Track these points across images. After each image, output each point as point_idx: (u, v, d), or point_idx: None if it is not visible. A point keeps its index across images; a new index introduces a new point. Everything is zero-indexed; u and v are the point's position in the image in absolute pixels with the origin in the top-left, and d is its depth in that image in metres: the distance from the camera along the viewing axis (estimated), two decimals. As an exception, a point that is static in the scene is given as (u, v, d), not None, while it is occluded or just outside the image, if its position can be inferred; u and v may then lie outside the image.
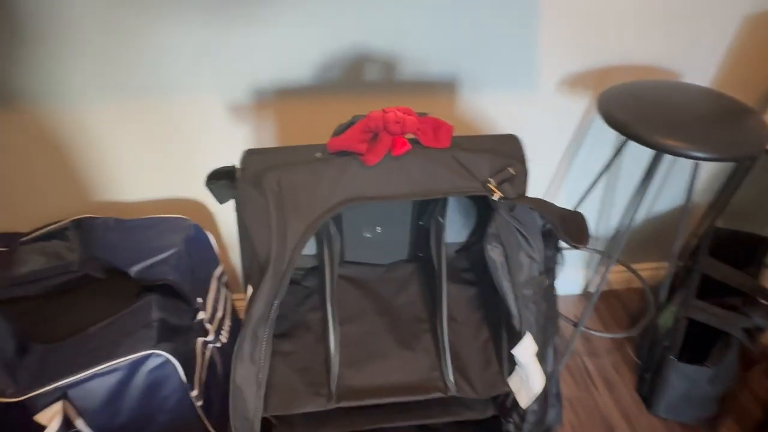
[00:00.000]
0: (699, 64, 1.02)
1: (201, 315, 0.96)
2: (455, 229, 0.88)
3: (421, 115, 0.62)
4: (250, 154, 0.64)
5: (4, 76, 0.88)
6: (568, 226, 0.72)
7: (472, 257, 0.91)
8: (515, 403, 0.78)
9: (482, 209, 0.84)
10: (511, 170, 0.63)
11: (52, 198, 1.06)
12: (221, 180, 0.65)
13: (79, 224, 1.01)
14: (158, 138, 1.00)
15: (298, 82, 0.94)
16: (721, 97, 0.88)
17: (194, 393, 0.86)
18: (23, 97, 0.91)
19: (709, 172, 1.23)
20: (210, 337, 0.98)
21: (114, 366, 0.75)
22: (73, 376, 0.73)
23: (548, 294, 0.70)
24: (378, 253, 0.91)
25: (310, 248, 0.87)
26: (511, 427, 0.79)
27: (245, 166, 0.62)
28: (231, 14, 0.86)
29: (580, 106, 1.06)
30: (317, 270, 0.90)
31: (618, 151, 1.04)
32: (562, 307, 1.40)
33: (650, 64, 1.01)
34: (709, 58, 1.02)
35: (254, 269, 0.63)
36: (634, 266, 1.42)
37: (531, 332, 0.67)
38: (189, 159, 1.04)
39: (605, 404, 1.19)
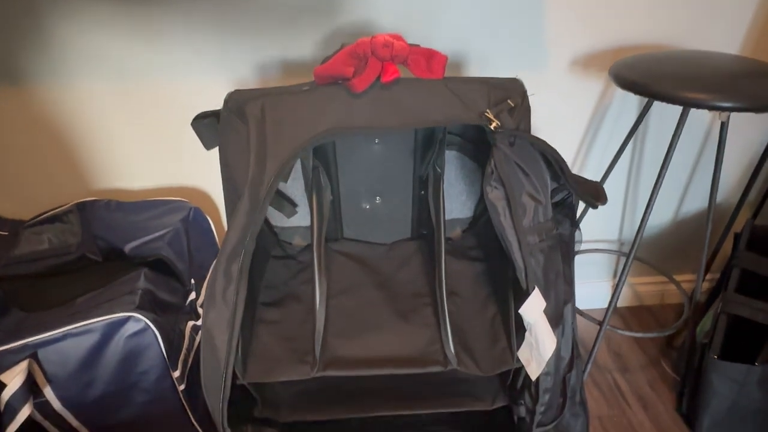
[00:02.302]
0: (721, 38, 0.97)
1: (193, 296, 0.91)
2: (460, 202, 0.83)
3: (413, 45, 0.59)
4: (235, 92, 0.62)
5: (4, 54, 0.90)
6: (584, 187, 0.66)
7: (478, 234, 0.84)
8: (526, 382, 0.69)
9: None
10: (510, 102, 0.58)
11: (55, 186, 1.06)
12: (207, 118, 0.62)
13: (81, 207, 1.00)
14: (160, 123, 1.00)
15: (302, 59, 0.94)
16: (747, 60, 0.82)
17: (176, 374, 0.80)
18: (24, 78, 0.93)
19: (735, 163, 1.15)
20: (200, 322, 0.92)
21: (88, 326, 0.70)
22: (44, 333, 0.68)
23: (559, 246, 0.63)
24: (379, 230, 0.86)
25: (305, 219, 0.82)
26: (522, 410, 0.69)
27: (229, 99, 0.60)
28: (237, -10, 0.87)
29: (595, 88, 1.01)
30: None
31: (637, 127, 0.97)
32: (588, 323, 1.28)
33: (668, 42, 0.96)
34: (732, 30, 0.96)
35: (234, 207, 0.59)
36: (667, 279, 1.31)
37: (538, 286, 0.59)
38: (192, 146, 1.03)
39: (641, 424, 1.05)
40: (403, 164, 0.78)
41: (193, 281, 0.93)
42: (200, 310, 0.94)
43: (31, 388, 0.67)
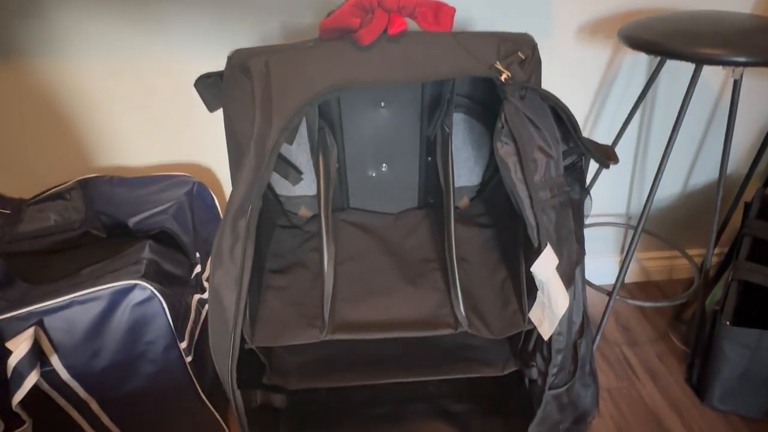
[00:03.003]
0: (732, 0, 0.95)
1: (198, 269, 0.90)
2: (467, 168, 0.81)
3: (420, -2, 0.58)
4: (238, 50, 0.60)
5: (2, 30, 0.89)
6: (595, 147, 0.65)
7: (486, 201, 0.83)
8: (538, 344, 0.68)
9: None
10: (520, 54, 0.57)
11: (57, 164, 1.05)
12: (210, 78, 0.61)
13: (84, 184, 0.99)
14: (160, 99, 0.99)
15: (303, 30, 0.92)
16: (760, 17, 0.80)
17: (183, 345, 0.79)
18: (23, 55, 0.91)
19: (745, 134, 1.13)
20: (206, 296, 0.91)
21: (94, 294, 0.69)
22: (50, 300, 0.68)
23: (570, 203, 0.61)
24: (385, 199, 0.85)
25: (310, 188, 0.81)
26: (534, 372, 0.68)
27: (232, 56, 0.59)
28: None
29: (603, 56, 1.00)
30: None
31: (646, 93, 0.96)
32: (596, 296, 1.27)
33: (677, 6, 0.95)
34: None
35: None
36: (677, 253, 1.30)
37: (551, 243, 0.58)
38: (194, 121, 1.02)
39: (650, 396, 1.04)
40: (410, 129, 0.76)
41: (198, 255, 0.92)
42: (206, 284, 0.93)
43: (37, 355, 0.66)
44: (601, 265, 1.29)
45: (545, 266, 0.58)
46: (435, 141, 0.71)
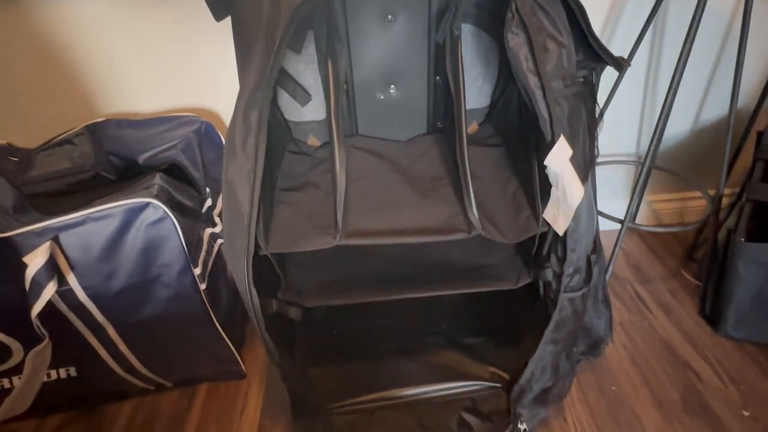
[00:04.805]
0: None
1: (209, 203, 0.91)
2: (476, 88, 0.81)
3: None
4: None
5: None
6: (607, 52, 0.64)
7: (496, 122, 0.83)
8: (552, 246, 0.68)
9: (503, 52, 0.76)
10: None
11: (63, 113, 1.05)
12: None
13: (92, 128, 1.00)
14: (165, 43, 0.99)
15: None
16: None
17: (197, 271, 0.79)
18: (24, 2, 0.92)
19: (754, 68, 1.12)
20: (218, 230, 0.92)
21: (108, 211, 0.70)
22: (64, 216, 0.68)
23: (583, 95, 0.61)
24: (394, 125, 0.84)
25: (318, 112, 0.81)
26: (548, 274, 0.68)
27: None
28: None
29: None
30: (328, 145, 0.84)
31: (655, 13, 0.94)
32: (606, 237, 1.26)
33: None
34: None
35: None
36: (689, 194, 1.29)
37: (564, 135, 0.58)
38: (199, 65, 1.01)
39: (663, 327, 1.04)
40: (418, 46, 0.76)
41: (208, 190, 0.92)
42: (217, 219, 0.93)
43: (54, 268, 0.67)
44: (611, 207, 1.28)
45: (559, 157, 0.58)
46: (444, 49, 0.70)
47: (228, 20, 0.66)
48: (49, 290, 0.65)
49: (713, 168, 1.25)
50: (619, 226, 1.01)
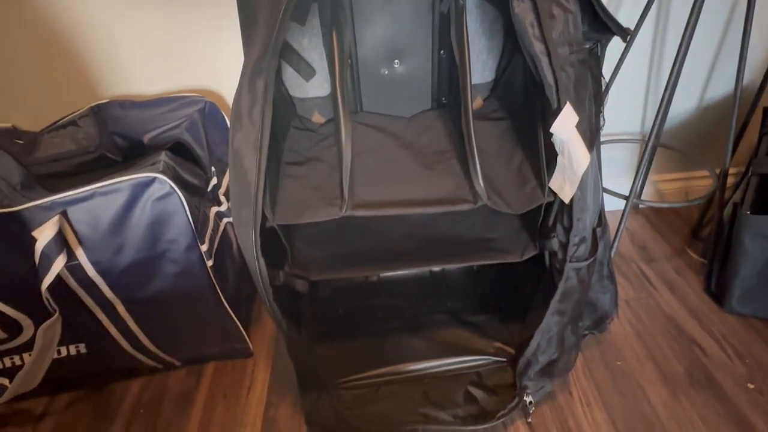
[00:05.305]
0: None
1: (215, 181, 0.91)
2: (481, 62, 0.81)
3: None
4: None
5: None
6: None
7: (500, 97, 0.82)
8: (558, 216, 0.68)
9: (507, 23, 0.76)
10: None
11: (67, 95, 1.05)
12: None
13: (96, 110, 1.00)
14: (168, 25, 0.98)
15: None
16: None
17: (204, 248, 0.80)
18: None
19: (759, 46, 1.11)
20: (224, 208, 0.92)
21: (115, 185, 0.70)
22: (72, 190, 0.68)
23: (589, 62, 0.61)
24: (398, 101, 0.84)
25: (323, 88, 0.81)
26: (554, 244, 0.68)
27: None
28: None
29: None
30: (332, 122, 0.84)
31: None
32: (611, 219, 1.26)
33: None
34: None
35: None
36: (693, 173, 1.29)
37: (570, 101, 0.58)
38: (202, 47, 1.01)
39: (668, 304, 1.04)
40: (422, 18, 0.75)
41: (213, 169, 0.93)
42: (222, 198, 0.94)
43: (63, 241, 0.67)
44: (617, 188, 1.28)
45: (565, 125, 0.58)
46: (448, 22, 0.70)
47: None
48: (59, 263, 0.66)
49: (718, 146, 1.24)
50: (623, 204, 1.01)
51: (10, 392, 0.75)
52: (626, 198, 0.98)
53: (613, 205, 1.19)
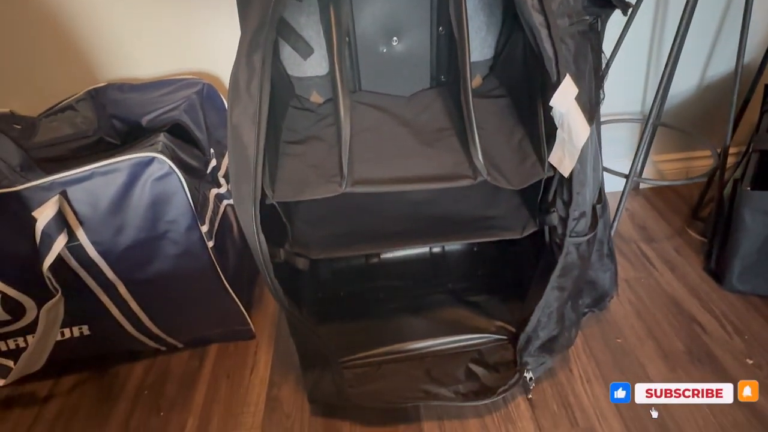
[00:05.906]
0: None
1: (214, 163, 0.91)
2: (479, 39, 0.80)
3: None
4: None
5: None
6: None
7: (500, 75, 0.82)
8: (558, 189, 0.68)
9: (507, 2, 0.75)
10: None
11: (64, 79, 1.04)
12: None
13: (94, 93, 0.99)
14: (168, 6, 0.97)
15: None
16: None
17: (204, 228, 0.80)
18: None
19: (760, 24, 1.10)
20: (223, 190, 0.92)
21: (114, 165, 0.70)
22: (71, 170, 0.68)
23: (589, 35, 0.60)
24: (397, 80, 0.84)
25: (321, 67, 0.80)
26: (554, 218, 0.68)
27: None
28: None
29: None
30: (331, 102, 0.84)
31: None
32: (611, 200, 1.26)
33: None
34: None
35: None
36: (694, 153, 1.28)
37: (570, 73, 0.57)
38: (199, 29, 1.00)
39: (668, 283, 1.05)
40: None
41: (212, 151, 0.92)
42: (222, 180, 0.94)
43: (63, 221, 0.67)
44: (617, 168, 1.28)
45: (564, 97, 0.58)
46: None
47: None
48: (60, 243, 0.66)
49: (719, 125, 1.24)
50: (623, 184, 1.01)
51: (15, 373, 0.76)
52: (626, 176, 0.98)
53: (613, 186, 1.18)
